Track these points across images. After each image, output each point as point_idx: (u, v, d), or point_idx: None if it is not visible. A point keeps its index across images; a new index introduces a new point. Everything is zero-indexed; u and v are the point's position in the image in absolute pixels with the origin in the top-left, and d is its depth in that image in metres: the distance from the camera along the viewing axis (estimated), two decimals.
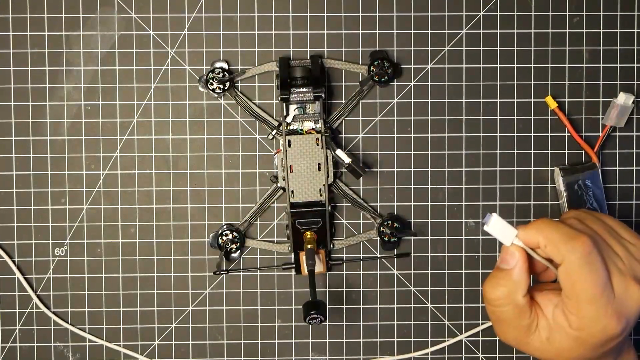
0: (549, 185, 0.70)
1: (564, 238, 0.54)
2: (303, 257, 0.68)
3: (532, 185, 0.70)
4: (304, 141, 0.68)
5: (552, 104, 0.69)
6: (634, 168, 0.70)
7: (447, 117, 0.70)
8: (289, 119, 0.68)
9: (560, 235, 0.54)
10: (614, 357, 0.58)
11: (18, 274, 0.69)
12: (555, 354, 0.57)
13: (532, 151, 0.70)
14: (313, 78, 0.67)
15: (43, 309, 0.70)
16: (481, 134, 0.70)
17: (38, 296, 0.70)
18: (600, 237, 0.56)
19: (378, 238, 0.70)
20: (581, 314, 0.54)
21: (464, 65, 0.70)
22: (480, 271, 0.70)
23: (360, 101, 0.70)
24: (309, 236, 0.68)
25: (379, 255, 0.70)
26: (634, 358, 0.62)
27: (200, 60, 0.69)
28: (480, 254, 0.70)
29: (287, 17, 0.69)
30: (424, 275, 0.71)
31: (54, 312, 0.70)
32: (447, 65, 0.70)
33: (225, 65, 0.69)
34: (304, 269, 0.68)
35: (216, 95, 0.69)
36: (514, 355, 0.70)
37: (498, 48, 0.70)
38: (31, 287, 0.70)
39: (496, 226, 0.55)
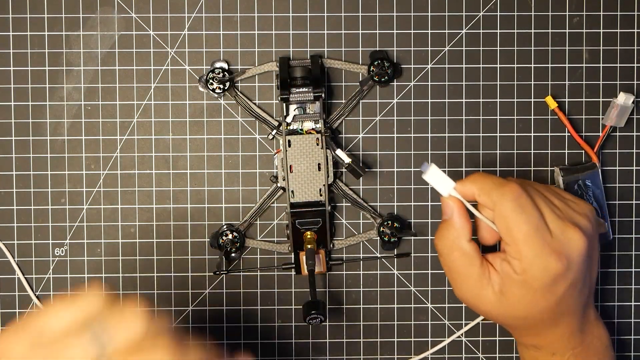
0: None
1: (495, 186, 0.58)
2: (303, 257, 0.68)
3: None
4: (304, 141, 0.68)
5: (552, 104, 0.69)
6: (634, 168, 0.70)
7: (447, 117, 0.70)
8: (289, 119, 0.68)
9: (492, 183, 0.58)
10: (576, 323, 0.60)
11: (19, 274, 0.69)
12: (510, 308, 0.59)
13: (532, 151, 0.70)
14: (313, 78, 0.67)
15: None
16: (481, 134, 0.70)
17: (38, 297, 0.70)
18: (536, 189, 0.60)
19: (378, 238, 0.70)
20: (521, 256, 0.57)
21: (464, 65, 0.70)
22: None
23: (360, 101, 0.70)
24: (309, 236, 0.68)
25: (379, 255, 0.70)
26: (604, 333, 0.63)
27: (200, 60, 0.69)
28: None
29: (287, 17, 0.69)
30: (424, 275, 0.71)
31: None
32: (447, 65, 0.70)
33: (225, 65, 0.69)
34: (304, 269, 0.68)
35: (216, 95, 0.69)
36: (514, 355, 0.70)
37: (498, 48, 0.70)
38: (31, 287, 0.70)
39: (434, 176, 0.59)
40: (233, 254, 0.70)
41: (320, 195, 0.68)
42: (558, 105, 0.69)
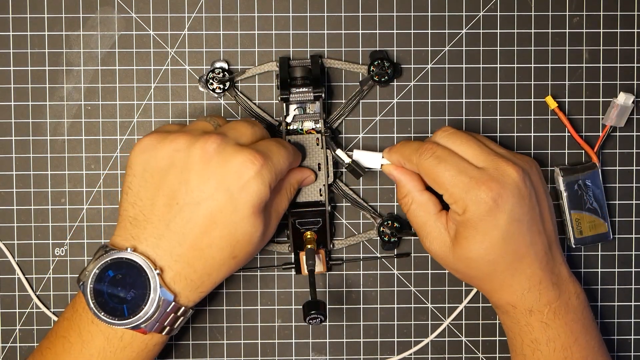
0: (549, 185, 0.70)
1: (414, 150, 0.64)
2: (303, 257, 0.68)
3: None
4: (304, 141, 0.68)
5: (552, 104, 0.69)
6: (634, 168, 0.70)
7: (447, 117, 0.70)
8: (289, 119, 0.68)
9: (411, 149, 0.64)
10: (541, 272, 0.62)
11: (19, 273, 0.69)
12: (466, 251, 0.62)
13: (532, 151, 0.70)
14: (313, 78, 0.67)
15: (43, 309, 0.70)
16: (481, 134, 0.69)
17: (38, 297, 0.70)
18: (465, 137, 0.64)
19: (378, 238, 0.70)
20: (454, 198, 0.61)
21: (464, 65, 0.70)
22: None
23: (360, 101, 0.70)
24: (309, 236, 0.68)
25: (379, 255, 0.70)
26: (581, 291, 0.64)
27: (200, 60, 0.69)
28: None
29: (287, 17, 0.69)
30: (424, 275, 0.71)
31: (54, 312, 0.70)
32: (447, 65, 0.70)
33: (225, 65, 0.69)
34: (304, 269, 0.68)
35: (216, 95, 0.69)
36: None
37: (498, 48, 0.70)
38: (31, 287, 0.70)
39: (362, 156, 0.67)
40: None
41: (320, 195, 0.68)
42: (558, 105, 0.69)
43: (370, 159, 0.67)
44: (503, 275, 0.62)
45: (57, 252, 0.70)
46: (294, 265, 0.69)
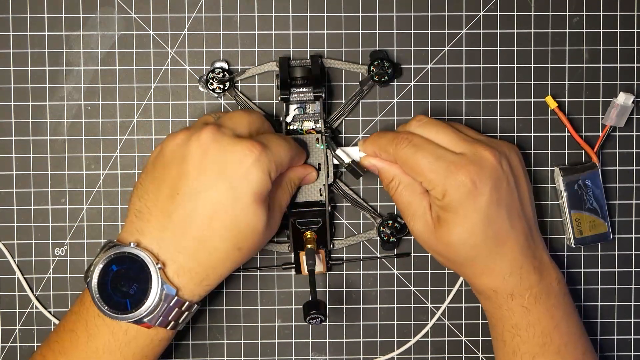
0: (549, 185, 0.70)
1: (389, 141, 0.64)
2: (303, 257, 0.68)
3: (532, 185, 0.70)
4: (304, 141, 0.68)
5: (552, 103, 0.69)
6: (634, 168, 0.70)
7: (447, 117, 0.70)
8: (289, 119, 0.68)
9: (386, 139, 0.64)
10: (521, 256, 0.62)
11: (18, 274, 0.69)
12: (447, 234, 0.62)
13: (532, 151, 0.70)
14: (313, 78, 0.67)
15: (42, 309, 0.70)
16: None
17: (37, 297, 0.70)
18: (442, 126, 0.64)
19: (378, 238, 0.70)
20: (433, 184, 0.61)
21: (464, 65, 0.70)
22: None
23: (360, 101, 0.70)
24: (309, 236, 0.68)
25: (379, 255, 0.70)
26: (561, 277, 0.65)
27: (200, 60, 0.69)
28: None
29: (287, 17, 0.69)
30: (424, 275, 0.71)
31: (54, 312, 0.70)
32: (447, 65, 0.70)
33: (225, 65, 0.69)
34: (304, 269, 0.68)
35: (216, 95, 0.69)
36: None
37: (498, 48, 0.70)
38: (31, 287, 0.70)
39: (342, 155, 0.67)
40: None
41: (320, 195, 0.68)
42: (558, 105, 0.69)
43: (350, 155, 0.67)
44: (484, 259, 0.62)
45: (57, 252, 0.70)
46: (294, 265, 0.69)
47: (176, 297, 0.59)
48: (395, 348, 0.71)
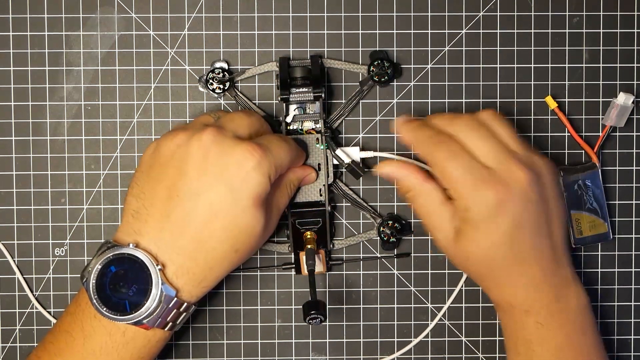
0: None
1: (427, 138, 0.63)
2: (303, 257, 0.68)
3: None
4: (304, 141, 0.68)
5: (552, 104, 0.69)
6: (634, 168, 0.70)
7: None
8: (288, 119, 0.68)
9: (425, 136, 0.63)
10: (541, 273, 0.62)
11: (18, 274, 0.69)
12: (468, 246, 0.61)
13: None
14: (313, 78, 0.67)
15: (41, 309, 0.70)
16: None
17: (37, 298, 0.70)
18: (481, 130, 0.62)
19: (378, 238, 0.70)
20: (459, 195, 0.61)
21: (464, 65, 0.70)
22: None
23: (360, 101, 0.70)
24: (309, 236, 0.68)
25: (379, 255, 0.70)
26: (582, 293, 0.64)
27: (200, 60, 0.69)
28: None
29: (287, 17, 0.69)
30: (424, 275, 0.70)
31: (54, 313, 0.70)
32: (447, 65, 0.70)
33: (225, 65, 0.69)
34: (304, 269, 0.68)
35: (216, 95, 0.69)
36: None
37: (498, 48, 0.70)
38: (30, 287, 0.70)
39: (343, 155, 0.67)
40: None
41: (320, 195, 0.68)
42: (558, 105, 0.69)
43: (350, 155, 0.68)
44: (502, 274, 0.62)
45: (57, 252, 0.70)
46: (294, 265, 0.69)
47: (175, 299, 0.59)
48: (395, 348, 0.71)
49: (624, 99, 0.68)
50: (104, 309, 0.58)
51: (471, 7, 0.69)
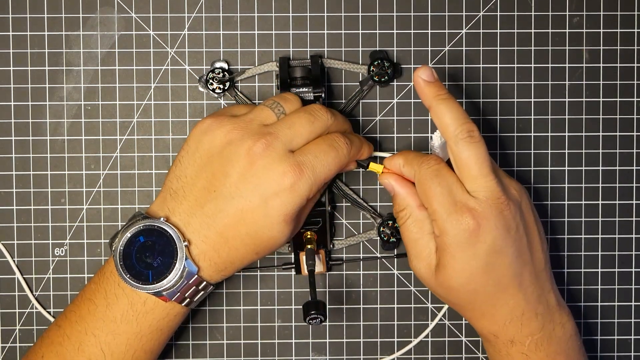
0: (549, 186, 0.70)
1: (417, 157, 0.63)
2: (303, 257, 0.68)
3: (532, 185, 0.70)
4: None
5: (377, 169, 0.65)
6: (634, 168, 0.70)
7: None
8: None
9: (414, 155, 0.63)
10: (524, 303, 0.61)
11: (18, 274, 0.69)
12: (446, 276, 0.61)
13: (532, 151, 0.70)
14: (313, 78, 0.67)
15: (41, 309, 0.70)
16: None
17: (37, 298, 0.70)
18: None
19: (378, 238, 0.70)
20: (436, 215, 0.60)
21: (464, 65, 0.70)
22: None
23: (360, 101, 0.70)
24: (309, 236, 0.68)
25: (379, 255, 0.70)
26: (568, 320, 0.64)
27: (200, 60, 0.69)
28: None
29: (287, 17, 0.69)
30: None
31: (54, 313, 0.70)
32: (447, 65, 0.70)
33: (225, 65, 0.69)
34: (304, 269, 0.68)
35: (216, 95, 0.69)
36: None
37: (498, 48, 0.70)
38: (30, 288, 0.70)
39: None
40: None
41: (321, 195, 0.68)
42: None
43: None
44: (484, 304, 0.62)
45: (57, 252, 0.70)
46: (294, 265, 0.69)
47: (196, 275, 0.60)
48: (395, 348, 0.71)
49: (438, 138, 0.64)
50: (128, 276, 0.59)
51: (471, 7, 0.69)
